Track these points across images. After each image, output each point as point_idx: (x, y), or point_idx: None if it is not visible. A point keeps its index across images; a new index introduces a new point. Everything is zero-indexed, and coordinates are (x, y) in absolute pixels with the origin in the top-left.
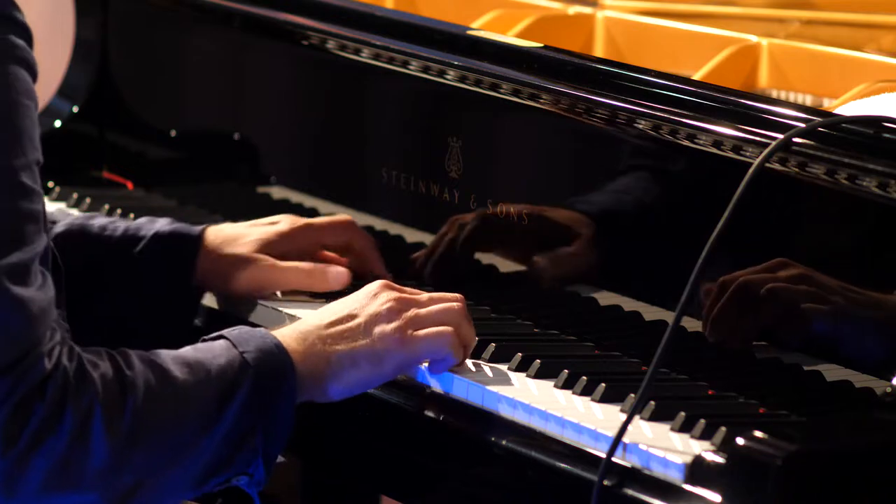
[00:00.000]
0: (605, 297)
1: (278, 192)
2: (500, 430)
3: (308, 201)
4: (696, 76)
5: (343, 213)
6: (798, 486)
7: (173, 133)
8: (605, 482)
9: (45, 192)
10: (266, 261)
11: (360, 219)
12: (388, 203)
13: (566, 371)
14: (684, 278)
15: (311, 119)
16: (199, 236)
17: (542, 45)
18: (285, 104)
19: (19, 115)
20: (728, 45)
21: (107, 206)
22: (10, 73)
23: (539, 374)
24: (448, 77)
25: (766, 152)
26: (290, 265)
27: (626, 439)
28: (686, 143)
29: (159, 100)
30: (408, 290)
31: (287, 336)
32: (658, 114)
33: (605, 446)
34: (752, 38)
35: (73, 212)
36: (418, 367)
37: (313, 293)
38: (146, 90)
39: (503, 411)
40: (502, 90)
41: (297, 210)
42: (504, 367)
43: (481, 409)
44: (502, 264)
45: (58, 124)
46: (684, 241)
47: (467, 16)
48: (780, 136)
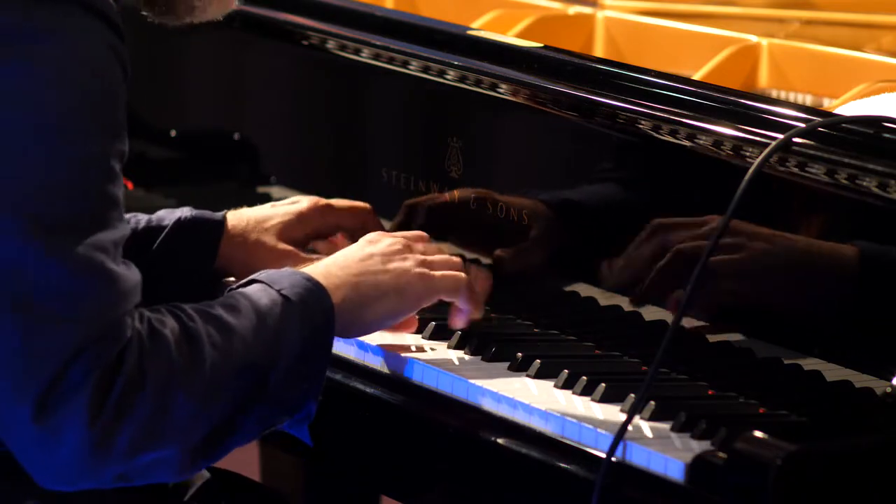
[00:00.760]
0: (605, 297)
1: (278, 192)
2: (500, 429)
3: None
4: (696, 76)
5: None
6: (798, 486)
7: (173, 133)
8: (605, 482)
9: None
10: (288, 252)
11: None
12: (388, 203)
13: (566, 371)
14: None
15: (311, 119)
16: (221, 222)
17: (542, 45)
18: (285, 104)
19: (117, 105)
20: (728, 45)
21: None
22: (109, 64)
23: (539, 374)
24: (448, 77)
25: (766, 152)
26: (313, 259)
27: (626, 439)
28: (686, 143)
29: (159, 100)
30: (403, 233)
31: (314, 273)
32: (658, 114)
33: (605, 446)
34: (752, 38)
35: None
36: (420, 367)
37: None
38: (146, 90)
39: (503, 411)
40: (502, 90)
41: None
42: (504, 366)
43: (481, 408)
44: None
45: None
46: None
47: (467, 16)
48: (780, 136)
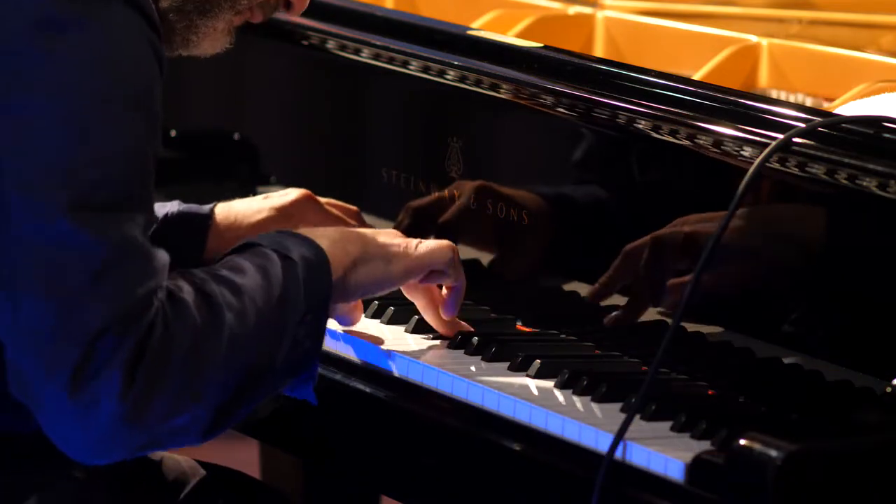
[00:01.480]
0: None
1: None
2: (499, 428)
3: None
4: (696, 76)
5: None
6: (798, 486)
7: (173, 133)
8: (605, 482)
9: None
10: None
11: None
12: (388, 203)
13: (566, 371)
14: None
15: (312, 119)
16: (209, 215)
17: (542, 45)
18: (285, 104)
19: (154, 96)
20: (728, 45)
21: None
22: (147, 55)
23: (539, 374)
24: (448, 77)
25: (766, 152)
26: None
27: (626, 439)
28: (686, 143)
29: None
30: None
31: (309, 234)
32: (658, 114)
33: (605, 446)
34: (752, 38)
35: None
36: (420, 366)
37: None
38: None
39: (504, 411)
40: (502, 90)
41: None
42: (504, 366)
43: (482, 408)
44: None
45: None
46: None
47: (467, 16)
48: (780, 136)
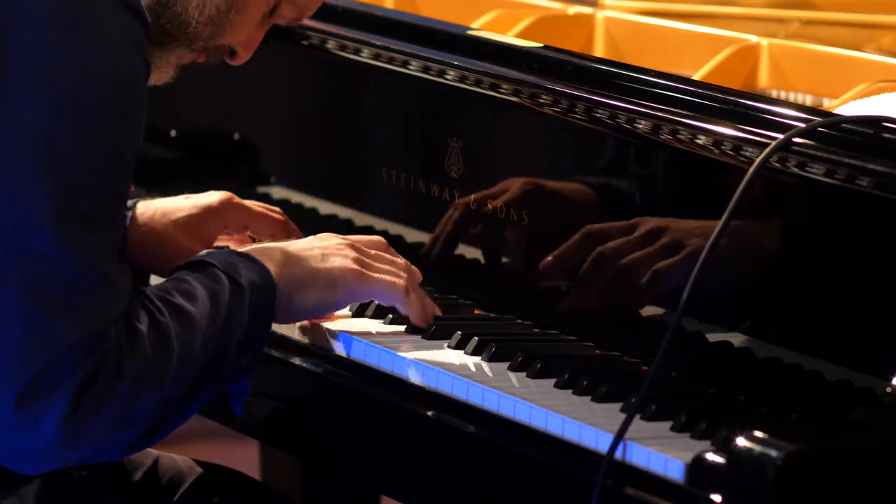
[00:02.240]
0: (605, 297)
1: (278, 192)
2: (500, 429)
3: (308, 201)
4: (696, 76)
5: (343, 213)
6: (798, 486)
7: (173, 133)
8: (605, 482)
9: None
10: (191, 248)
11: (360, 219)
12: (388, 203)
13: (566, 371)
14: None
15: (311, 119)
16: (129, 208)
17: (542, 45)
18: (285, 104)
19: (139, 103)
20: (728, 45)
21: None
22: (138, 67)
23: (539, 374)
24: (448, 77)
25: (766, 152)
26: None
27: (626, 439)
28: (686, 143)
29: (159, 100)
30: (356, 237)
31: (257, 255)
32: (658, 114)
33: (605, 446)
34: (752, 38)
35: None
36: (419, 367)
37: None
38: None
39: (504, 411)
40: (502, 90)
41: (297, 210)
42: (504, 366)
43: (482, 408)
44: (501, 264)
45: None
46: (684, 241)
47: (467, 16)
48: (780, 136)
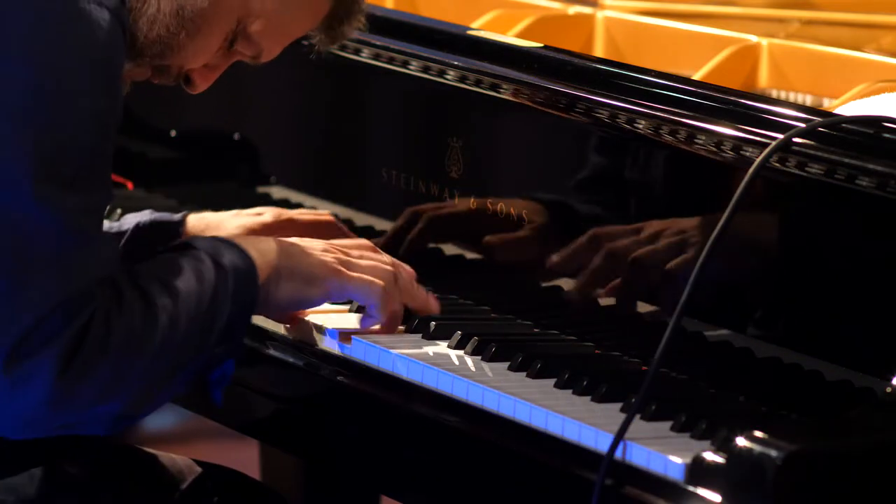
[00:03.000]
0: (605, 297)
1: (278, 192)
2: (501, 429)
3: (308, 201)
4: (696, 76)
5: (343, 213)
6: (798, 486)
7: (173, 133)
8: (605, 482)
9: None
10: None
11: (360, 219)
12: (388, 203)
13: (566, 371)
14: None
15: (311, 119)
16: (179, 223)
17: (542, 45)
18: (285, 104)
19: (117, 66)
20: (728, 45)
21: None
22: (112, 26)
23: (539, 374)
24: (448, 77)
25: (766, 152)
26: None
27: (626, 439)
28: (686, 143)
29: (159, 100)
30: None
31: (241, 243)
32: (658, 114)
33: (605, 446)
34: (752, 38)
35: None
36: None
37: None
38: (146, 90)
39: (504, 411)
40: (502, 90)
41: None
42: (504, 366)
43: (482, 408)
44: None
45: None
46: (684, 241)
47: (467, 16)
48: (780, 136)
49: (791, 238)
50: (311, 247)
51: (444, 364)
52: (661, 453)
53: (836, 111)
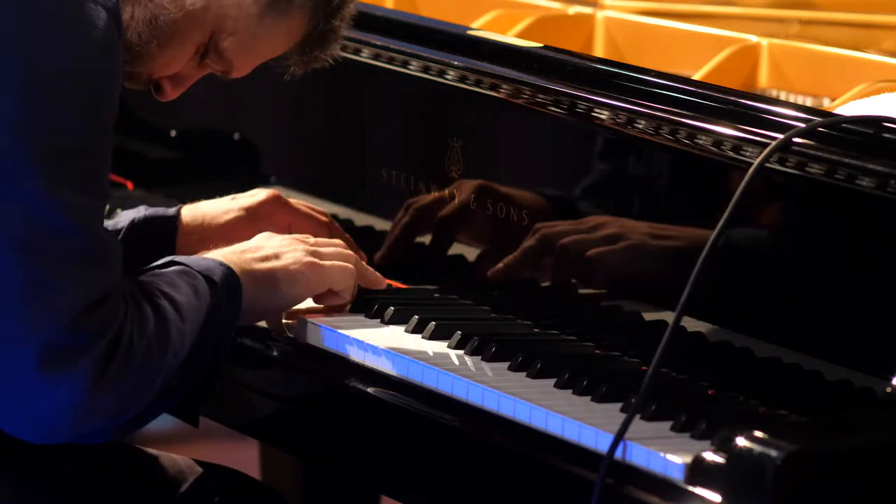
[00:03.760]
0: (606, 298)
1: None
2: (501, 429)
3: (308, 201)
4: (696, 76)
5: (343, 212)
6: (798, 486)
7: (173, 133)
8: (605, 482)
9: None
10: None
11: (360, 219)
12: (388, 203)
13: (566, 371)
14: (684, 278)
15: (311, 119)
16: (175, 216)
17: (542, 45)
18: (285, 104)
19: (115, 64)
20: (728, 45)
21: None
22: (108, 22)
23: (539, 374)
24: (448, 77)
25: (766, 152)
26: None
27: (626, 439)
28: (686, 143)
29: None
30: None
31: (220, 258)
32: (658, 114)
33: (605, 446)
34: (752, 38)
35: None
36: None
37: None
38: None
39: (504, 411)
40: (502, 90)
41: None
42: (504, 366)
43: (482, 408)
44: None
45: None
46: (684, 241)
47: (467, 16)
48: (780, 136)
49: (791, 238)
50: (280, 246)
51: (445, 364)
52: (661, 453)
53: (836, 111)
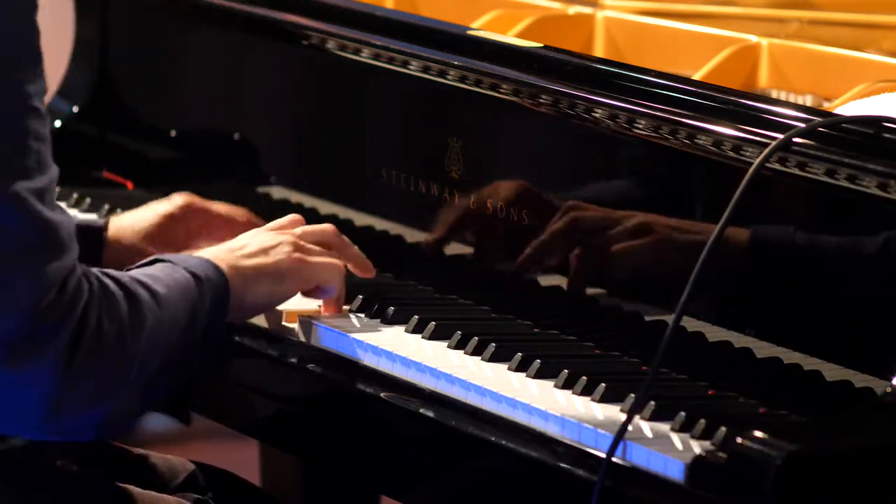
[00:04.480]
0: (606, 297)
1: (278, 192)
2: (500, 430)
3: (308, 201)
4: (696, 76)
5: (343, 212)
6: (798, 486)
7: (173, 133)
8: (605, 482)
9: None
10: (155, 252)
11: (360, 219)
12: (388, 203)
13: (566, 371)
14: (684, 278)
15: (311, 119)
16: (103, 228)
17: (542, 45)
18: (285, 104)
19: (35, 39)
20: (728, 45)
21: (107, 206)
22: (29, 5)
23: (539, 374)
24: (448, 77)
25: (766, 152)
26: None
27: (626, 439)
28: (686, 143)
29: (159, 100)
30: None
31: (205, 254)
32: (658, 114)
33: (605, 446)
34: (752, 38)
35: (74, 212)
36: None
37: None
38: (146, 90)
39: (503, 412)
40: (502, 90)
41: (297, 210)
42: (504, 366)
43: (482, 408)
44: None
45: (58, 124)
46: (684, 241)
47: (467, 16)
48: (780, 136)
49: (791, 238)
50: (265, 242)
51: (444, 364)
52: (661, 453)
53: (836, 111)
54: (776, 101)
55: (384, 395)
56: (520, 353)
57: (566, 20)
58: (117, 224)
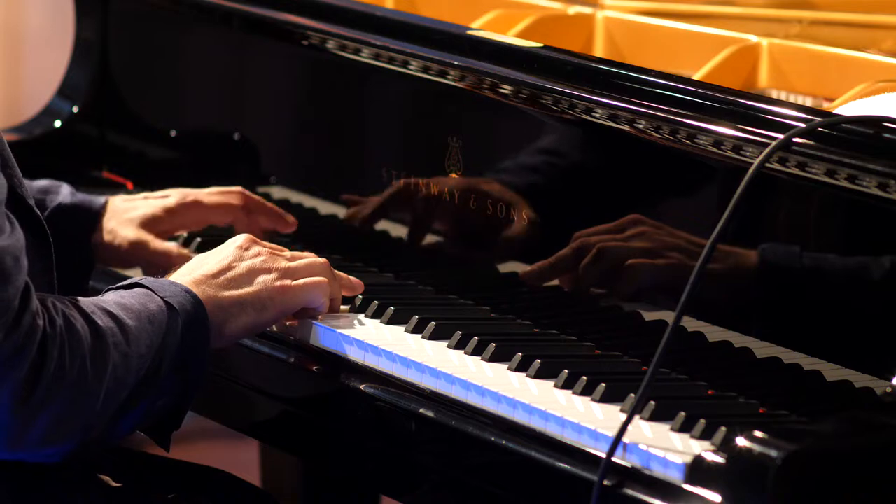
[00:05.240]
0: (606, 298)
1: (278, 192)
2: (500, 430)
3: (308, 201)
4: (696, 76)
5: (343, 213)
6: (798, 486)
7: (173, 133)
8: (605, 482)
9: None
10: (145, 241)
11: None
12: (389, 203)
13: (566, 371)
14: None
15: (311, 119)
16: (99, 212)
17: (542, 45)
18: (285, 104)
19: None
20: (728, 45)
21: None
22: None
23: (539, 374)
24: (448, 77)
25: (766, 152)
26: (168, 249)
27: (626, 439)
28: (686, 143)
29: (159, 100)
30: (271, 244)
31: (186, 283)
32: (658, 114)
33: (605, 446)
34: (752, 38)
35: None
36: (418, 367)
37: None
38: (146, 90)
39: (504, 411)
40: (502, 90)
41: (297, 210)
42: (504, 366)
43: (482, 408)
44: (501, 264)
45: (58, 124)
46: (684, 241)
47: (467, 16)
48: (780, 136)
49: (791, 238)
50: (252, 267)
51: (444, 364)
52: (661, 453)
53: (836, 111)
54: (776, 101)
55: (384, 394)
56: (520, 353)
57: (566, 20)
58: (114, 208)
